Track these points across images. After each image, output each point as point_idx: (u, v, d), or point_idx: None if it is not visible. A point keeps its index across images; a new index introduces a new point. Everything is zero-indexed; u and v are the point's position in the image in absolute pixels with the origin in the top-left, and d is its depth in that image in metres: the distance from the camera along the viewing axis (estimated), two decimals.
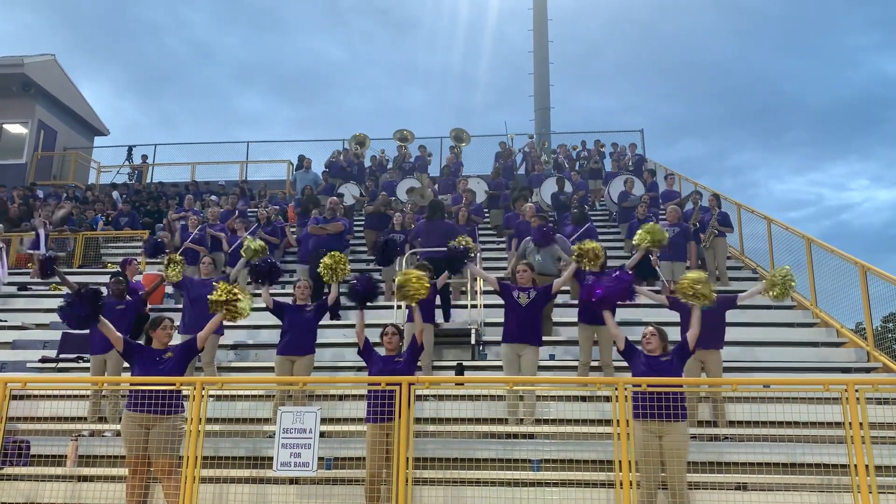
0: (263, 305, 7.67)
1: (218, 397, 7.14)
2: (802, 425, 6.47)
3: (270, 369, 8.75)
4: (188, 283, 8.38)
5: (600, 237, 11.66)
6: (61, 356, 9.23)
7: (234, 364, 9.00)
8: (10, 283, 13.01)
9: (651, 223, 7.96)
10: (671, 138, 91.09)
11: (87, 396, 7.59)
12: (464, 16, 70.37)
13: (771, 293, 6.68)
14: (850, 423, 5.11)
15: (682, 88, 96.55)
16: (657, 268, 10.40)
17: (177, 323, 7.79)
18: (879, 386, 5.66)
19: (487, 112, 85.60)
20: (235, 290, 6.12)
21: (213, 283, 8.17)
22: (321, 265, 7.25)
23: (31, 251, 13.72)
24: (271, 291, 7.80)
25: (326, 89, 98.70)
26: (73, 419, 7.26)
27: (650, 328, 6.07)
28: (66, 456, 6.63)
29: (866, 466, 5.02)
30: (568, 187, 15.34)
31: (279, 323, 7.77)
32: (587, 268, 7.20)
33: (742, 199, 13.15)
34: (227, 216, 13.37)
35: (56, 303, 11.64)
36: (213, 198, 17.33)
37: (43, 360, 9.26)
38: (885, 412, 6.08)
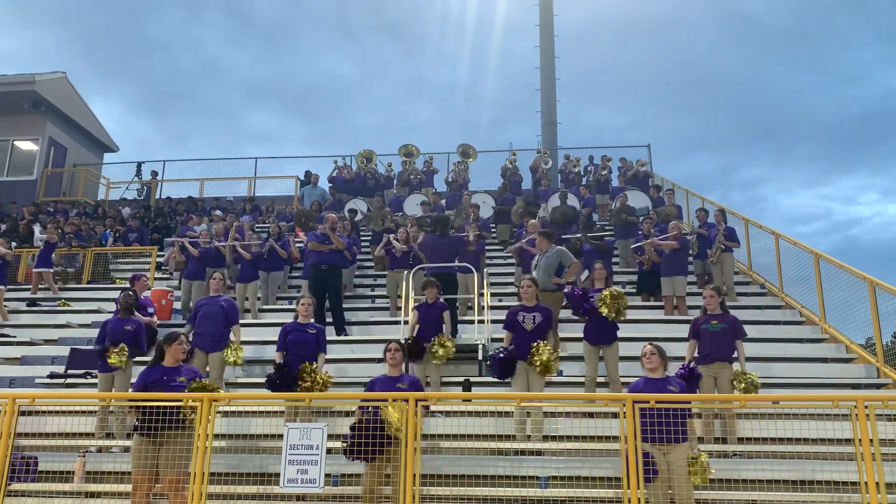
0: (278, 321, 7.67)
1: (224, 413, 7.14)
2: (812, 442, 6.40)
3: None
4: (199, 300, 8.49)
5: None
6: (69, 372, 9.26)
7: (240, 380, 8.99)
8: (18, 299, 13.08)
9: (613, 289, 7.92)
10: (680, 153, 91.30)
11: (95, 412, 7.61)
12: (472, 32, 70.86)
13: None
14: (860, 440, 5.08)
15: (692, 103, 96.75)
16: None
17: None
18: (889, 402, 5.61)
19: (495, 127, 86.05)
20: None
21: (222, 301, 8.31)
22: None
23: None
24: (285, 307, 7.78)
25: (337, 105, 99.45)
26: (80, 435, 7.28)
27: (649, 346, 6.02)
28: (73, 472, 6.63)
29: (877, 484, 4.98)
30: (573, 201, 15.34)
31: None
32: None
33: (751, 214, 13.25)
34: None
35: (65, 318, 11.84)
36: (219, 213, 17.43)
37: (51, 375, 9.29)
38: None
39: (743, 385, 7.00)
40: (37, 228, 16.17)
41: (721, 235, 11.63)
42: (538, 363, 7.11)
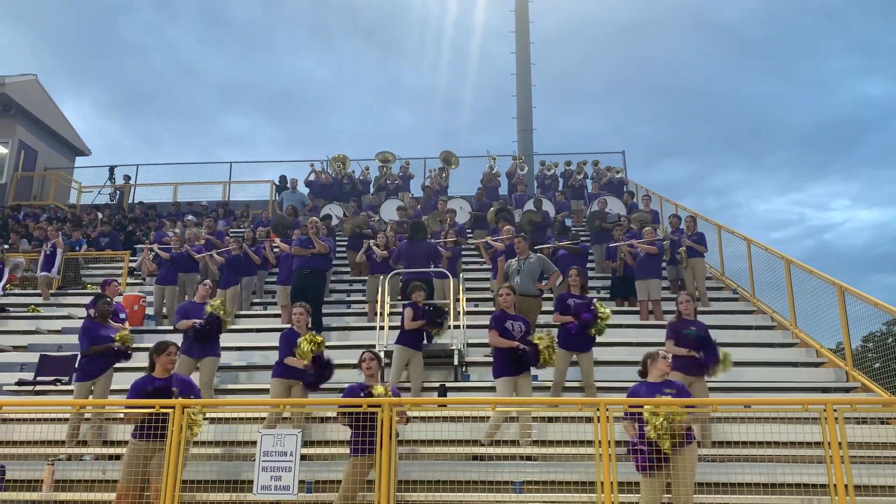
0: (253, 326, 7.61)
1: (211, 420, 7.05)
2: (783, 445, 6.49)
3: (256, 391, 8.70)
4: (185, 307, 8.45)
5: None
6: (38, 379, 9.10)
7: (218, 386, 8.88)
8: None
9: None
10: (655, 159, 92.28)
11: (65, 420, 7.48)
12: (450, 37, 71.14)
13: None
14: (829, 443, 5.16)
15: (667, 110, 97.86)
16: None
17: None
18: (858, 406, 5.71)
19: (472, 133, 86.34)
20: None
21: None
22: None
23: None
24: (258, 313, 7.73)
25: (312, 110, 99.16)
26: (49, 443, 7.15)
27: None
28: (42, 481, 6.52)
29: (846, 486, 5.06)
30: (548, 206, 15.40)
31: (268, 345, 7.70)
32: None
33: (725, 220, 13.30)
34: (220, 236, 13.39)
35: (34, 324, 11.62)
36: (191, 217, 17.25)
37: (20, 382, 9.13)
38: (864, 432, 6.15)
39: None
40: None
41: (686, 237, 11.75)
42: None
